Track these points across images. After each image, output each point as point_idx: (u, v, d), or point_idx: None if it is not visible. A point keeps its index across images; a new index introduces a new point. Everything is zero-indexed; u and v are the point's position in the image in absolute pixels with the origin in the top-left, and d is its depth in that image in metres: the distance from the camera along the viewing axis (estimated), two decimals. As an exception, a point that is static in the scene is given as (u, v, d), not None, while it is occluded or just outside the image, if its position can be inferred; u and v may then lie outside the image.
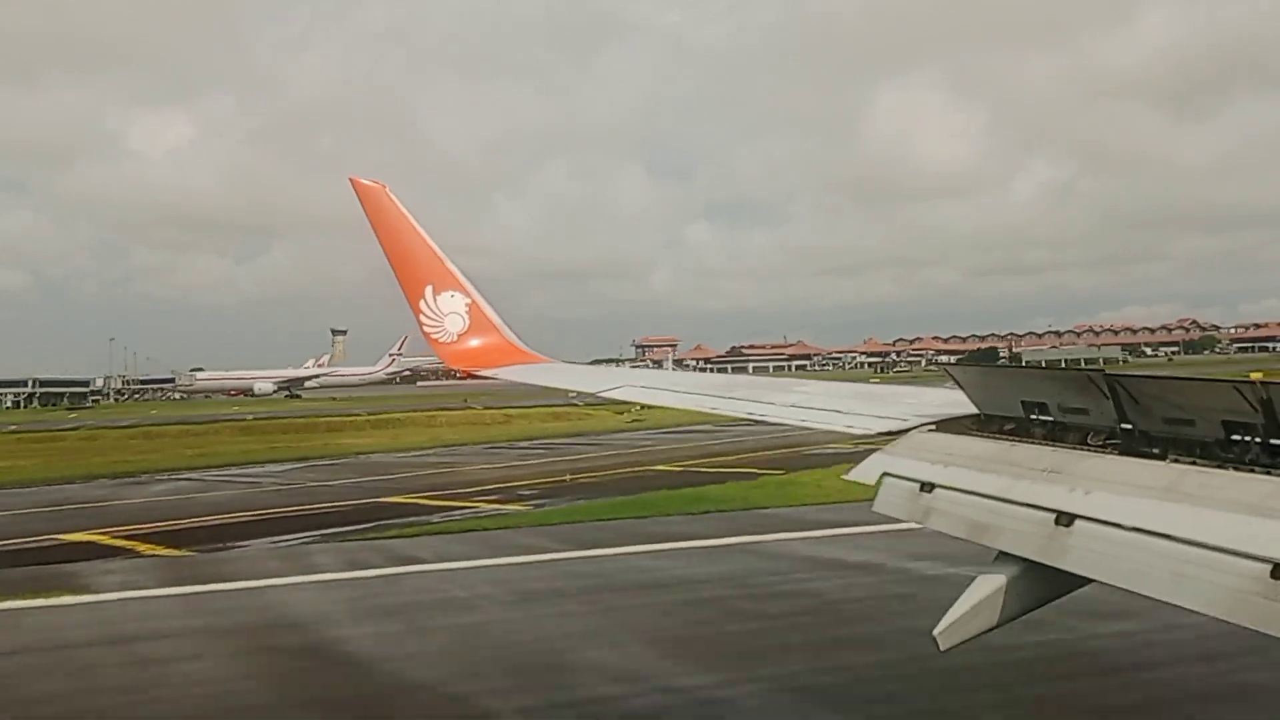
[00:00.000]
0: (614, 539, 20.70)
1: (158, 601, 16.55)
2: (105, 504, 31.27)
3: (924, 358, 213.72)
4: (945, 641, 4.32)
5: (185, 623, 15.21)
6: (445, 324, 10.51)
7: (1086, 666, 11.18)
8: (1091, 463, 4.36)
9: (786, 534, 20.27)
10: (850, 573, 16.64)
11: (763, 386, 8.02)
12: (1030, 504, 4.33)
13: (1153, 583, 3.59)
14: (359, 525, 24.02)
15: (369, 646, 13.21)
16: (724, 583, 16.35)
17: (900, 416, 5.81)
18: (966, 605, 4.34)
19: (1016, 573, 4.30)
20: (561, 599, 15.65)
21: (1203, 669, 10.64)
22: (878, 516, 5.20)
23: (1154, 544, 3.66)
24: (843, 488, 6.26)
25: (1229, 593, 3.29)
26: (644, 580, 16.89)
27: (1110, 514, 3.95)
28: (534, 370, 10.97)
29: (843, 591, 15.38)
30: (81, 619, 15.45)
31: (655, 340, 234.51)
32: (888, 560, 16.96)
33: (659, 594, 15.84)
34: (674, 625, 13.88)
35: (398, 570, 18.15)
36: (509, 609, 15.24)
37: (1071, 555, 3.99)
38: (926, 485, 4.95)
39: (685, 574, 17.33)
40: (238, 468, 42.96)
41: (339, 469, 40.67)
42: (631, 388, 9.10)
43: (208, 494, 33.40)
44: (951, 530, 4.69)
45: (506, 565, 18.51)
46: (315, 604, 16.11)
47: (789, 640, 12.83)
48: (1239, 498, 3.58)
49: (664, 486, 29.15)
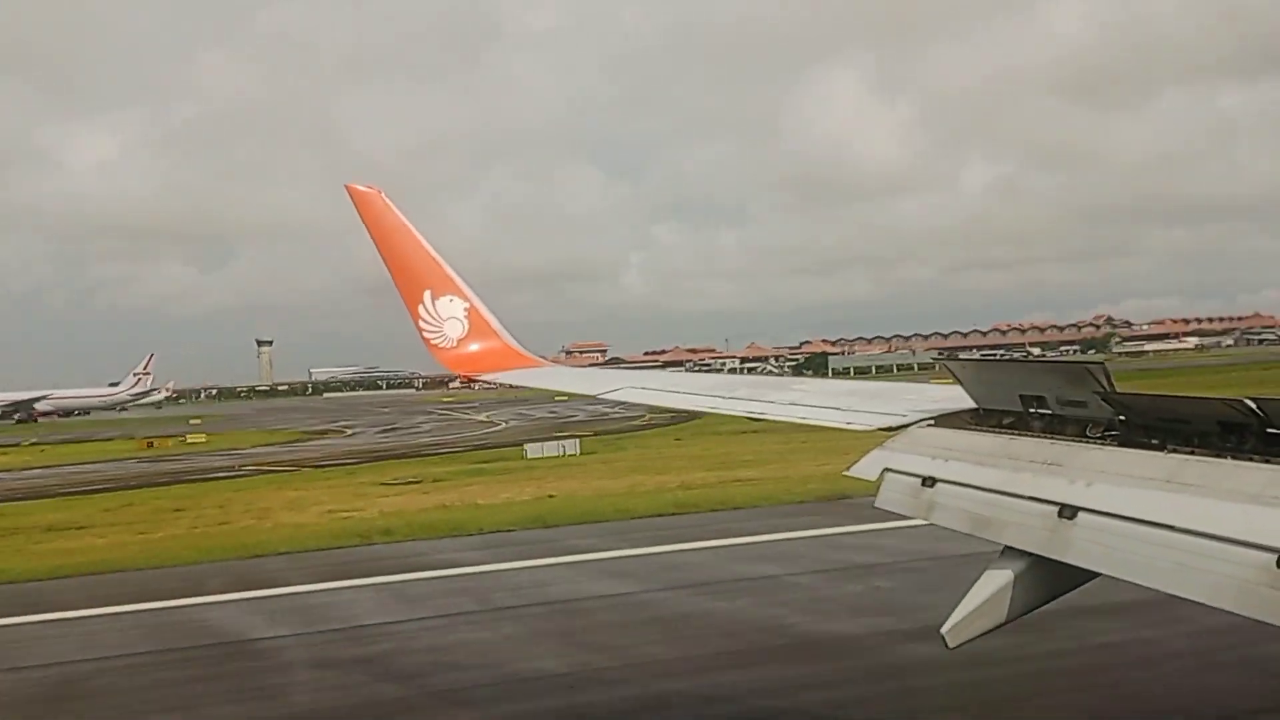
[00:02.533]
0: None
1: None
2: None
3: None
4: (953, 639, 4.30)
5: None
6: (444, 329, 10.49)
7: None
8: (1092, 455, 4.36)
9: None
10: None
11: (763, 386, 8.02)
12: (1032, 497, 4.33)
13: (1157, 575, 3.59)
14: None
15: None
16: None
17: (899, 413, 5.81)
18: (973, 603, 4.32)
19: (1022, 568, 4.29)
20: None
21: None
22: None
23: (1157, 535, 3.66)
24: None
25: (1234, 583, 3.29)
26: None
27: (1112, 506, 3.95)
28: (534, 374, 10.97)
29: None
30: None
31: (584, 345, 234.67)
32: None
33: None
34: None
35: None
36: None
37: (1075, 548, 3.99)
38: (928, 480, 4.96)
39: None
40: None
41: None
42: (632, 389, 9.10)
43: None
44: (955, 525, 4.69)
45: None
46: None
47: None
48: (1240, 487, 3.58)
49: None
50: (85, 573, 21.66)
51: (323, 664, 13.70)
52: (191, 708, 12.24)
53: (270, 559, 22.17)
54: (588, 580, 17.99)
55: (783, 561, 18.08)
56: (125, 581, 20.46)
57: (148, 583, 20.04)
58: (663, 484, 30.90)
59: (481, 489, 32.50)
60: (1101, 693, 10.65)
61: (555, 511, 26.07)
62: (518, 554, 20.75)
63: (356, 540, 23.78)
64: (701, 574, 17.98)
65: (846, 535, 19.89)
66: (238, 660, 14.24)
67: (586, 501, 27.85)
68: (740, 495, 27.01)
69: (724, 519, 23.55)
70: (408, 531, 24.46)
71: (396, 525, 25.38)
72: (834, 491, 23.57)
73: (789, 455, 35.31)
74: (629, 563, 19.08)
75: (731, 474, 32.13)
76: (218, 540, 25.07)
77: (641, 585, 17.04)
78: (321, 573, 19.82)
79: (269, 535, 25.39)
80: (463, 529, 24.35)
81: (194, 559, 22.51)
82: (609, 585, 17.32)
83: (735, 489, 28.43)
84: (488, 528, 24.25)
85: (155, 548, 24.43)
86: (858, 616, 14.26)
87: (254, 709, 12.15)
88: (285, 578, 19.61)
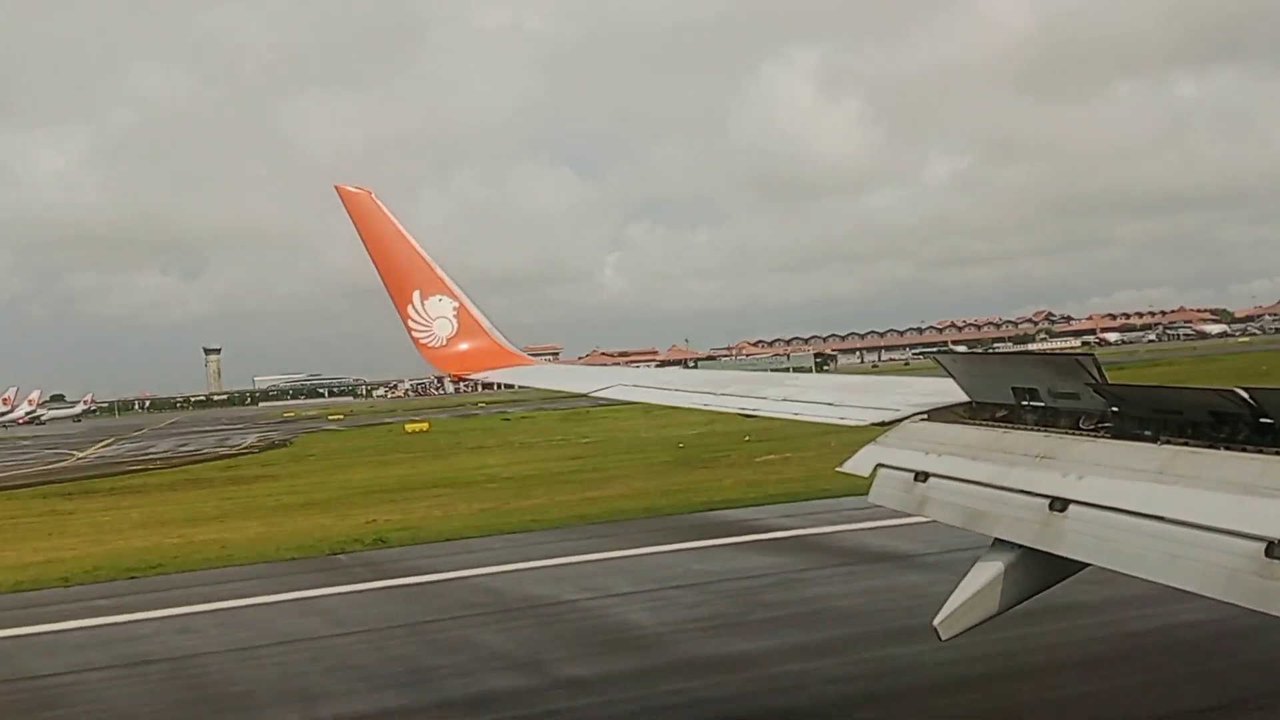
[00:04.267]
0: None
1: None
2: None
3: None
4: (946, 631, 4.33)
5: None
6: (434, 328, 10.47)
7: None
8: (1084, 447, 4.38)
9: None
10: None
11: (754, 382, 8.02)
12: (1024, 490, 4.34)
13: (1148, 565, 3.61)
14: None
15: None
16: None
17: (892, 407, 5.82)
18: (965, 594, 4.34)
19: (1013, 559, 4.32)
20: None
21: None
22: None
23: (1148, 526, 3.68)
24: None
25: (1224, 572, 3.31)
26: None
27: (1104, 498, 3.97)
28: (524, 373, 10.96)
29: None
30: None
31: (536, 349, 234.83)
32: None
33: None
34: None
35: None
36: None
37: (1067, 540, 4.01)
38: (921, 475, 4.97)
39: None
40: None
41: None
42: (623, 387, 9.09)
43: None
44: (948, 519, 4.71)
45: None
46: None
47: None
48: (1231, 477, 3.61)
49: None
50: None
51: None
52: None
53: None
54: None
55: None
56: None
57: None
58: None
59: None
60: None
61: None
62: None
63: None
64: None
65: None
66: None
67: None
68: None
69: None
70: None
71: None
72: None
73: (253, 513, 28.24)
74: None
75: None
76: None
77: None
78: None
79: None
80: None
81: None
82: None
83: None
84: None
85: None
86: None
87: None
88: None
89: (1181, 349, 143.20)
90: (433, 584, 16.46)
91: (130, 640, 14.14)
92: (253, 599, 16.04)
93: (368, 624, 13.97)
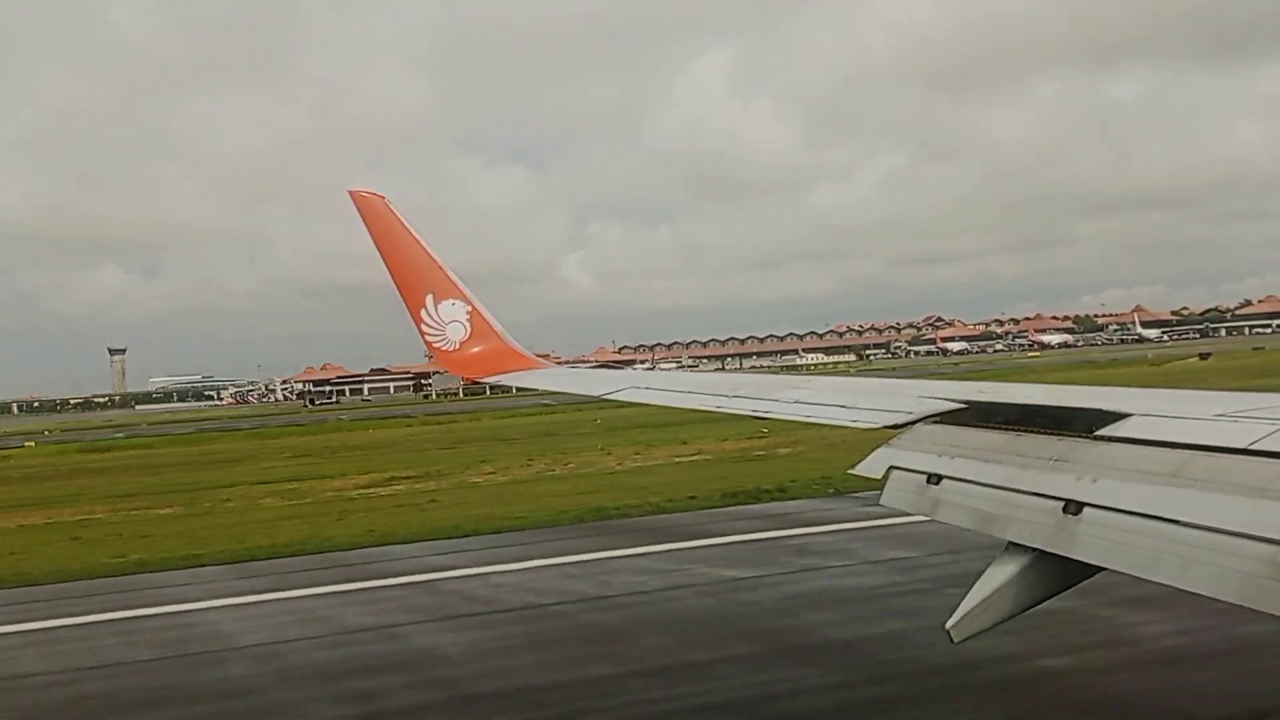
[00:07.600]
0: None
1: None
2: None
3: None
4: (959, 634, 4.33)
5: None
6: (447, 332, 10.54)
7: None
8: (1098, 450, 4.38)
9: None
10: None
11: (767, 385, 8.03)
12: (1038, 493, 4.35)
13: (1163, 569, 3.61)
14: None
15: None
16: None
17: (905, 410, 5.82)
18: (978, 597, 4.34)
19: (1027, 563, 4.32)
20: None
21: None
22: None
23: (1163, 530, 3.68)
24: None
25: (1240, 576, 3.31)
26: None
27: (1118, 501, 3.97)
28: (536, 375, 11.01)
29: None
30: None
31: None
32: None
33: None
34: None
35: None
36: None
37: (1081, 544, 4.01)
38: (934, 478, 4.97)
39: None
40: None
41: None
42: (636, 390, 9.10)
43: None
44: (960, 522, 4.71)
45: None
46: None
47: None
48: (1246, 481, 3.61)
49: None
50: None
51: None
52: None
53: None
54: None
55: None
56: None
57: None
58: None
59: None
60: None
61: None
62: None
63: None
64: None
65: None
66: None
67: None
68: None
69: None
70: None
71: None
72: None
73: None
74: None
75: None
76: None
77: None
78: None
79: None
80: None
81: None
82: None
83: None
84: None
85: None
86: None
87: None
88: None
89: (996, 361, 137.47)
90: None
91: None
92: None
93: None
